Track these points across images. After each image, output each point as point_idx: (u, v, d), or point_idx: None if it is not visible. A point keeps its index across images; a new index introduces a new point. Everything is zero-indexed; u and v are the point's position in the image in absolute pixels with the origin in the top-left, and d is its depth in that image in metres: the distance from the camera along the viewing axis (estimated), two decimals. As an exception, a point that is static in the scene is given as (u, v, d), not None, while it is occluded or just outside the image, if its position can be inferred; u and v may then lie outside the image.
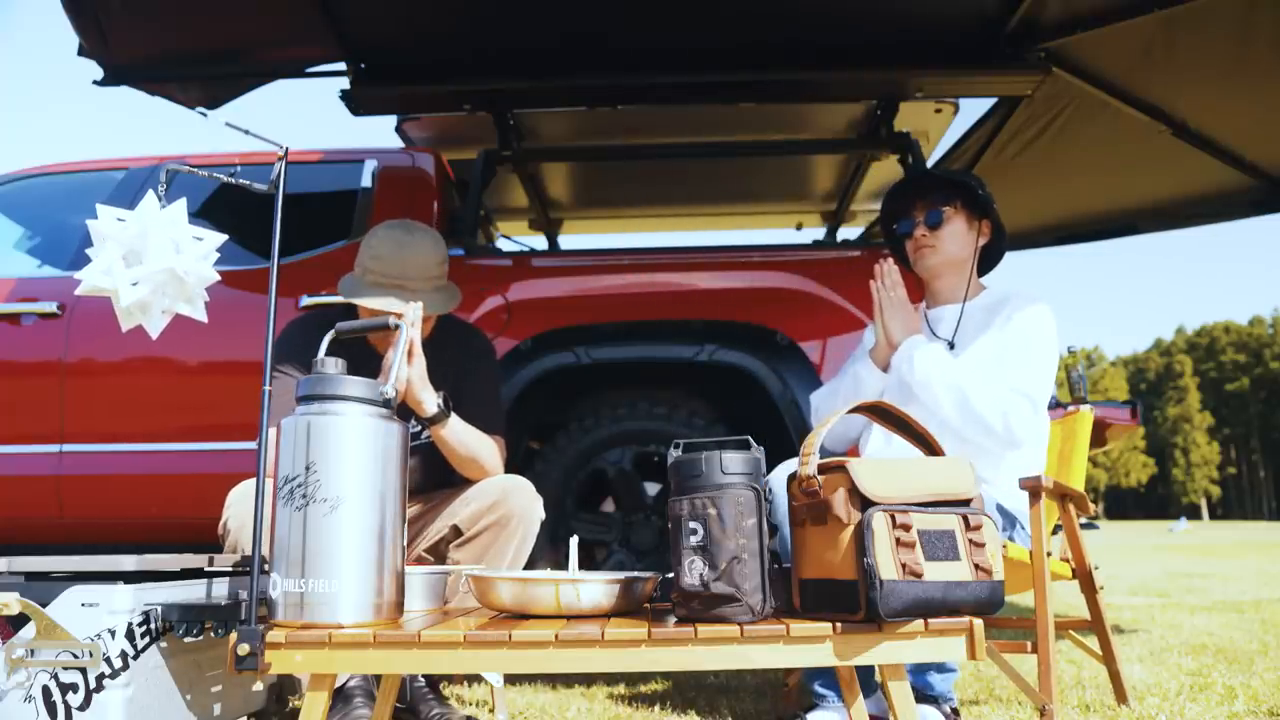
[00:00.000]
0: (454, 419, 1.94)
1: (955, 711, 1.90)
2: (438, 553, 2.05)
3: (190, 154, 3.13)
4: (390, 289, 1.95)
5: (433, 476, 2.10)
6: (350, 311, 2.11)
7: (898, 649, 1.18)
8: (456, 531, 2.00)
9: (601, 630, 1.19)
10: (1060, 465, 2.33)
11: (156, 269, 1.28)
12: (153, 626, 1.40)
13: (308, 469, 1.26)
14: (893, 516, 1.19)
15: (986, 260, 2.21)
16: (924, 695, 1.86)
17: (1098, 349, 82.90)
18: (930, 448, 1.40)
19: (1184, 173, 3.91)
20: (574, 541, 1.52)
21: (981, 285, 2.19)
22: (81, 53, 2.90)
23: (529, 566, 2.19)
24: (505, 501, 1.96)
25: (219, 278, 1.35)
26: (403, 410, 1.87)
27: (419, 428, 2.10)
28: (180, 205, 1.31)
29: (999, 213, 2.18)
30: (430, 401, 1.88)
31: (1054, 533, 2.23)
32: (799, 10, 2.89)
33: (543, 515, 2.02)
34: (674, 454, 1.31)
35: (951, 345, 2.05)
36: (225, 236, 1.34)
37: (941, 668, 1.88)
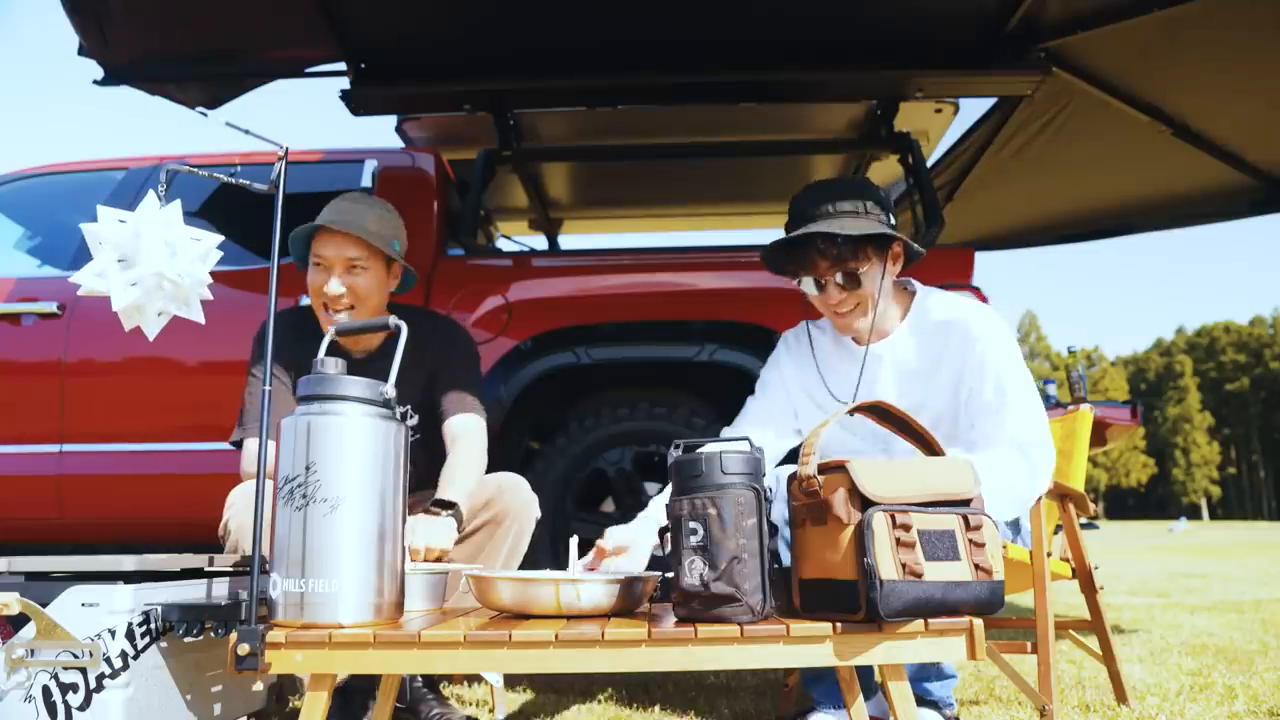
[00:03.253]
0: (459, 502, 1.89)
1: (956, 718, 1.90)
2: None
3: (190, 154, 3.13)
4: (338, 224, 1.99)
5: (430, 474, 2.10)
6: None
7: (898, 649, 1.18)
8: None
9: (601, 630, 1.19)
10: (1060, 465, 2.33)
11: (149, 272, 1.28)
12: (153, 626, 1.39)
13: (308, 469, 1.26)
14: (893, 516, 1.19)
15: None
16: (922, 700, 1.86)
17: (1098, 349, 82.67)
18: (930, 448, 1.40)
19: (1184, 173, 3.91)
20: (574, 541, 1.52)
21: (902, 292, 1.88)
22: (81, 53, 2.90)
23: (530, 566, 2.19)
24: (499, 499, 1.96)
25: (211, 280, 1.35)
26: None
27: (415, 420, 2.12)
28: (175, 207, 1.31)
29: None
30: (453, 524, 1.83)
31: (1054, 533, 2.23)
32: (799, 9, 2.89)
33: (538, 513, 2.02)
34: (674, 454, 1.31)
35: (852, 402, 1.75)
36: (221, 238, 1.34)
37: (940, 674, 1.88)
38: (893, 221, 1.80)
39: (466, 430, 2.04)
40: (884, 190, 1.85)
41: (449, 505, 1.84)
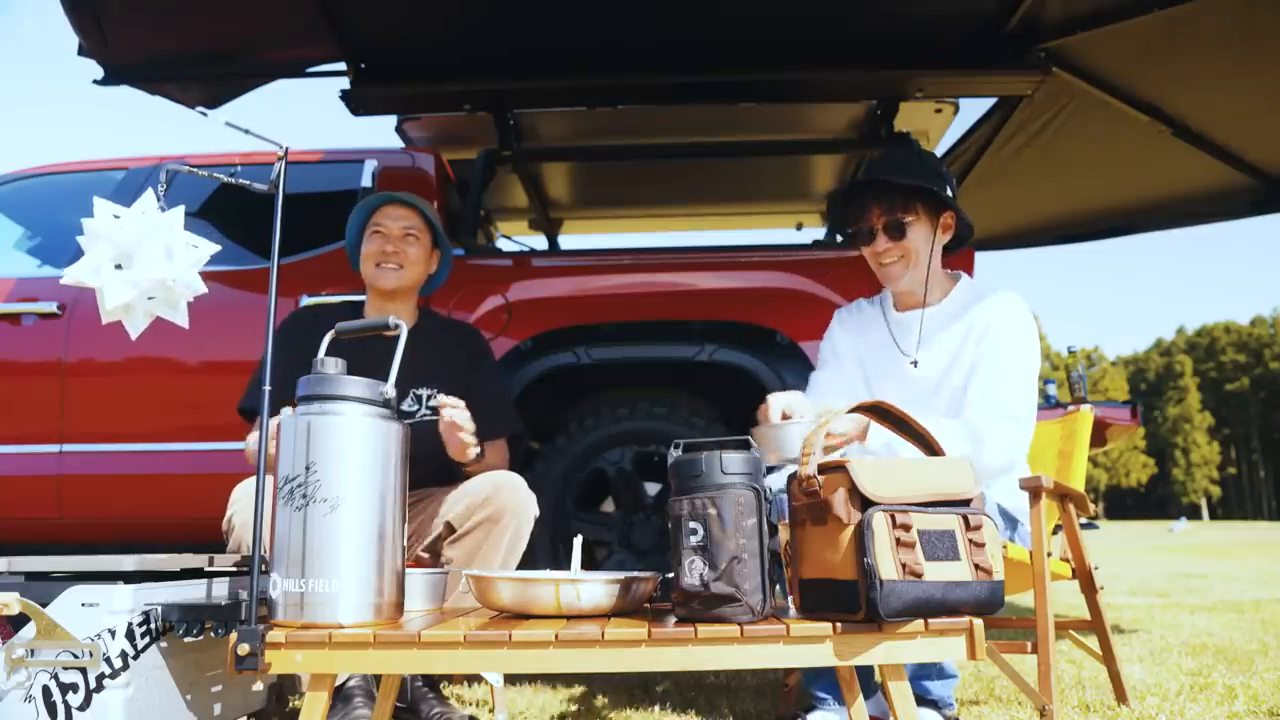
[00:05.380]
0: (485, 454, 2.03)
1: (955, 718, 1.90)
2: (435, 551, 2.05)
3: (190, 154, 3.13)
4: (403, 197, 2.23)
5: (436, 470, 2.10)
6: (346, 311, 2.16)
7: (898, 649, 1.18)
8: (450, 528, 2.00)
9: (601, 630, 1.19)
10: (1060, 465, 2.33)
11: (146, 276, 1.28)
12: (153, 626, 1.39)
13: (308, 469, 1.26)
14: (893, 516, 1.19)
15: (950, 244, 2.03)
16: (922, 699, 1.86)
17: (1098, 349, 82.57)
18: (930, 448, 1.40)
19: (1184, 173, 3.91)
20: (578, 541, 1.53)
21: (948, 277, 2.03)
22: (81, 53, 2.90)
23: (529, 565, 2.19)
24: (496, 498, 1.96)
25: (206, 290, 1.35)
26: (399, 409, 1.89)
27: (415, 408, 2.14)
28: (178, 211, 1.31)
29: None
30: (473, 450, 1.95)
31: (1054, 533, 2.23)
32: (799, 9, 2.89)
33: (536, 512, 2.03)
34: (674, 454, 1.31)
35: (915, 363, 1.96)
36: (218, 247, 1.35)
37: (941, 673, 1.88)
38: (950, 194, 1.94)
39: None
40: (945, 168, 2.00)
41: None
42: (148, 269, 1.28)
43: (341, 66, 3.14)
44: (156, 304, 1.32)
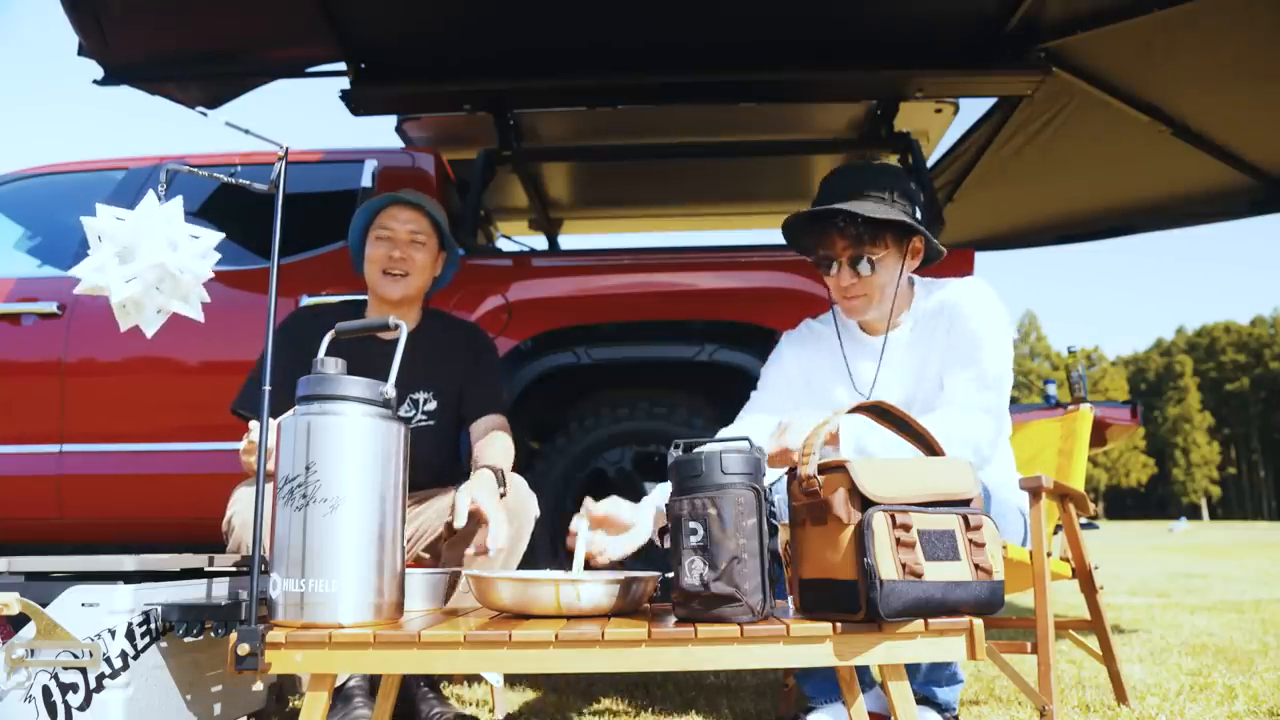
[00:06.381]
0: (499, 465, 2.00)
1: (955, 718, 1.89)
2: (435, 551, 2.05)
3: (190, 154, 3.13)
4: (411, 198, 2.18)
5: (434, 473, 2.10)
6: (346, 311, 2.15)
7: (898, 649, 1.18)
8: (450, 528, 2.00)
9: (601, 630, 1.19)
10: (1060, 465, 2.33)
11: (149, 265, 1.28)
12: (153, 626, 1.39)
13: (308, 469, 1.26)
14: (893, 516, 1.18)
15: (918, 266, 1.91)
16: (929, 701, 1.85)
17: (1098, 349, 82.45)
18: (930, 448, 1.40)
19: (1184, 173, 3.91)
20: (579, 542, 1.53)
21: (908, 285, 1.91)
22: (81, 53, 2.90)
23: (529, 565, 2.19)
24: None
25: (213, 275, 1.34)
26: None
27: (412, 413, 2.13)
28: (177, 203, 1.31)
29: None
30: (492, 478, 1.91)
31: (1054, 533, 2.23)
32: (799, 9, 2.89)
33: (537, 512, 2.03)
34: (674, 454, 1.31)
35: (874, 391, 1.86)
36: (222, 235, 1.34)
37: (952, 678, 1.87)
38: (918, 215, 1.82)
39: (495, 427, 2.16)
40: (913, 185, 1.88)
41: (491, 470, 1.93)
42: (151, 258, 1.28)
43: (341, 66, 3.14)
44: (166, 297, 1.32)
